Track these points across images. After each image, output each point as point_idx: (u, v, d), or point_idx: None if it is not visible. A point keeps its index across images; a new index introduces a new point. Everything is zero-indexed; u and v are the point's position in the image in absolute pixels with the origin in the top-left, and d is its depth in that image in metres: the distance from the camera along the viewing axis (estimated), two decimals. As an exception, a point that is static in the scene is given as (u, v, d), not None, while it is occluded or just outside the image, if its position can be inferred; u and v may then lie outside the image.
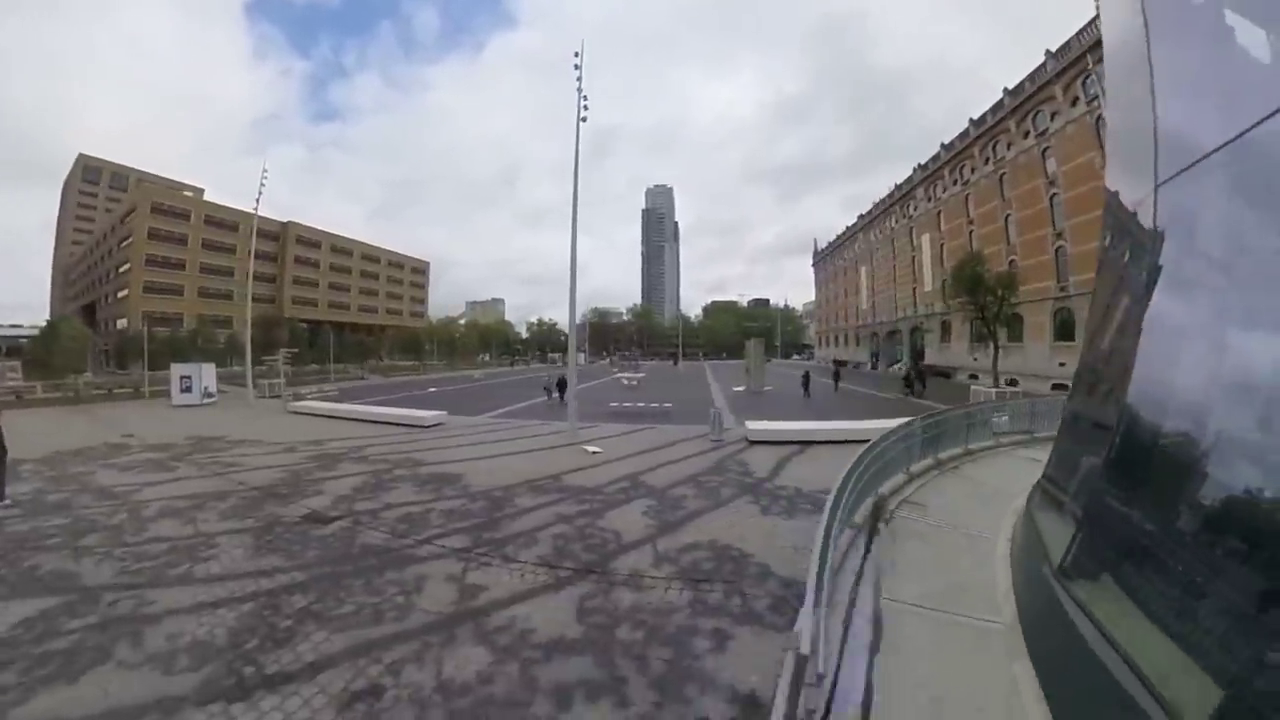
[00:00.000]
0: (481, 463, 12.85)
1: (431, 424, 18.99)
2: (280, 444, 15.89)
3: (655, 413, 22.80)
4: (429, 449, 14.84)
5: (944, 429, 11.22)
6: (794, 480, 11.12)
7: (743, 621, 5.43)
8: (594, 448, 14.51)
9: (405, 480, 11.23)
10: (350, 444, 15.83)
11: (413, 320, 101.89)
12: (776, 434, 15.64)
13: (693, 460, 13.20)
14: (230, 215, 75.01)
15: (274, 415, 23.58)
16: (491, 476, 11.31)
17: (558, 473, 11.67)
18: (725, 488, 10.60)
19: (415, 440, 16.37)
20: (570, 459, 13.28)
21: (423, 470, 12.15)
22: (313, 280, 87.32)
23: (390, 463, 13.08)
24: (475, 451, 14.41)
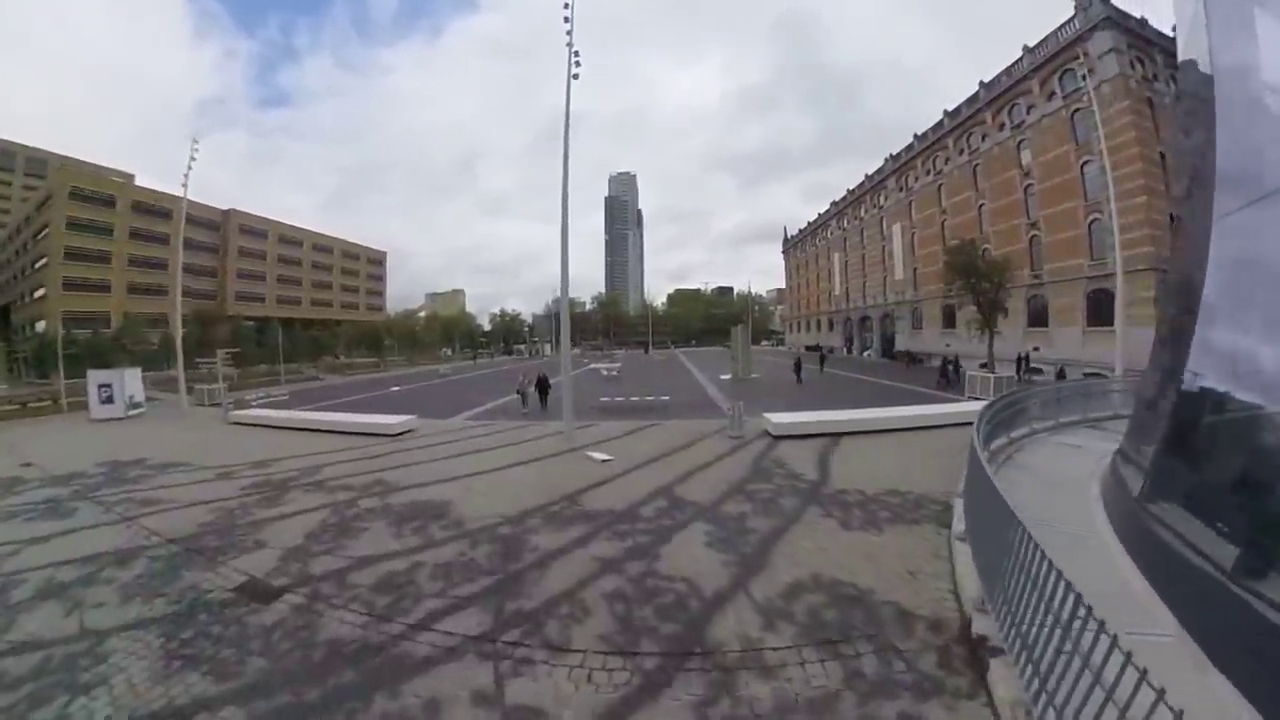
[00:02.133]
0: (471, 482, 10.87)
1: (400, 432, 16.81)
2: (214, 468, 13.42)
3: (653, 407, 21.43)
4: (402, 466, 12.73)
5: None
6: (851, 481, 10.04)
7: (925, 693, 4.31)
8: (602, 454, 12.83)
9: (377, 516, 9.15)
10: (302, 464, 13.55)
11: (370, 314, 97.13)
12: (802, 427, 14.64)
13: (724, 463, 11.80)
14: (162, 201, 68.95)
15: (211, 428, 20.79)
16: (490, 503, 9.37)
17: (571, 492, 9.88)
18: (782, 497, 9.20)
19: (382, 454, 14.21)
20: (579, 471, 11.53)
21: (398, 498, 10.07)
22: (259, 273, 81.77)
23: (354, 489, 10.92)
24: (460, 466, 12.37)
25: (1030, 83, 37.88)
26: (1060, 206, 35.69)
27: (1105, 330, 32.68)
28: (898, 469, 11.10)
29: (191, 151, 29.53)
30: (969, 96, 44.41)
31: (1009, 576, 4.60)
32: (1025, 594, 4.17)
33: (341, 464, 13.32)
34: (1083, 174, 34.38)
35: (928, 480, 10.33)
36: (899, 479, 10.31)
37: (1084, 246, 34.18)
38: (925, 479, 10.42)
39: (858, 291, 65.93)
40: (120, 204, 67.28)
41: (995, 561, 5.19)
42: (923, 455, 12.52)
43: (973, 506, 7.34)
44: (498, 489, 10.24)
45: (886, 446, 13.32)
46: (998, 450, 11.38)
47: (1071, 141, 34.95)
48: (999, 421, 11.77)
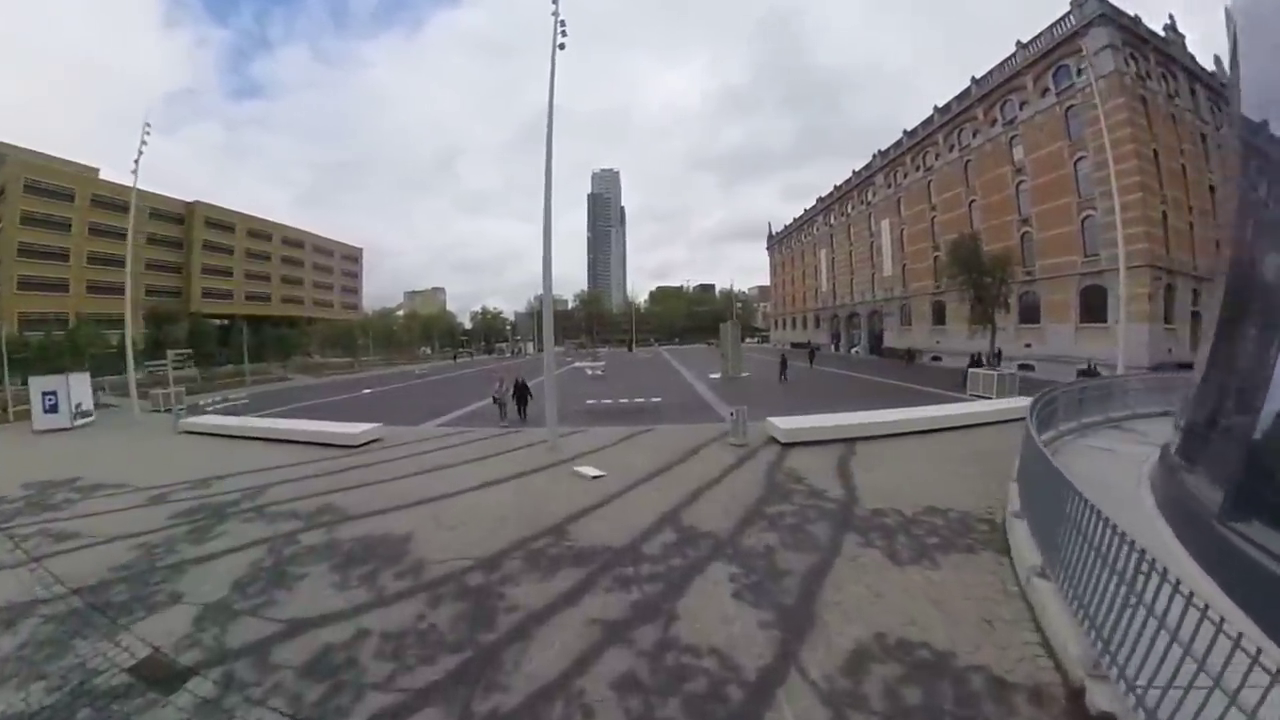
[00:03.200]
0: (438, 509, 9.33)
1: (363, 442, 15.17)
2: (149, 490, 11.74)
3: (644, 410, 20.00)
4: (359, 485, 11.16)
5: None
6: (883, 498, 8.87)
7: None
8: (592, 469, 11.31)
9: (320, 556, 7.62)
10: (247, 482, 11.92)
11: (345, 312, 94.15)
12: (812, 432, 13.38)
13: (733, 479, 10.44)
14: (125, 195, 65.31)
15: (160, 438, 18.95)
16: (458, 538, 7.88)
17: (558, 521, 8.39)
18: (810, 523, 7.91)
19: (339, 470, 12.62)
20: (566, 491, 10.04)
21: (349, 531, 8.53)
22: (226, 269, 78.46)
23: (300, 518, 9.35)
24: (425, 486, 10.81)
25: (1023, 79, 37.25)
26: (1053, 203, 35.11)
27: (1099, 327, 32.18)
28: (928, 480, 9.92)
29: (143, 135, 27.46)
30: (960, 92, 43.69)
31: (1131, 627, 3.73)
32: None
33: (291, 483, 11.72)
34: (1076, 170, 33.78)
35: (964, 493, 9.21)
36: (934, 493, 9.13)
37: (1077, 243, 33.59)
38: (961, 492, 9.29)
39: (845, 288, 65.19)
40: (80, 198, 63.88)
41: (1098, 604, 4.27)
42: (949, 461, 11.40)
43: (1048, 528, 6.13)
44: (469, 518, 8.73)
45: (907, 452, 12.16)
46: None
47: (1065, 138, 34.37)
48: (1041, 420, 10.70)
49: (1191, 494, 7.43)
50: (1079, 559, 4.94)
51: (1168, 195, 32.61)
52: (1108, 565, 4.13)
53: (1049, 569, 5.77)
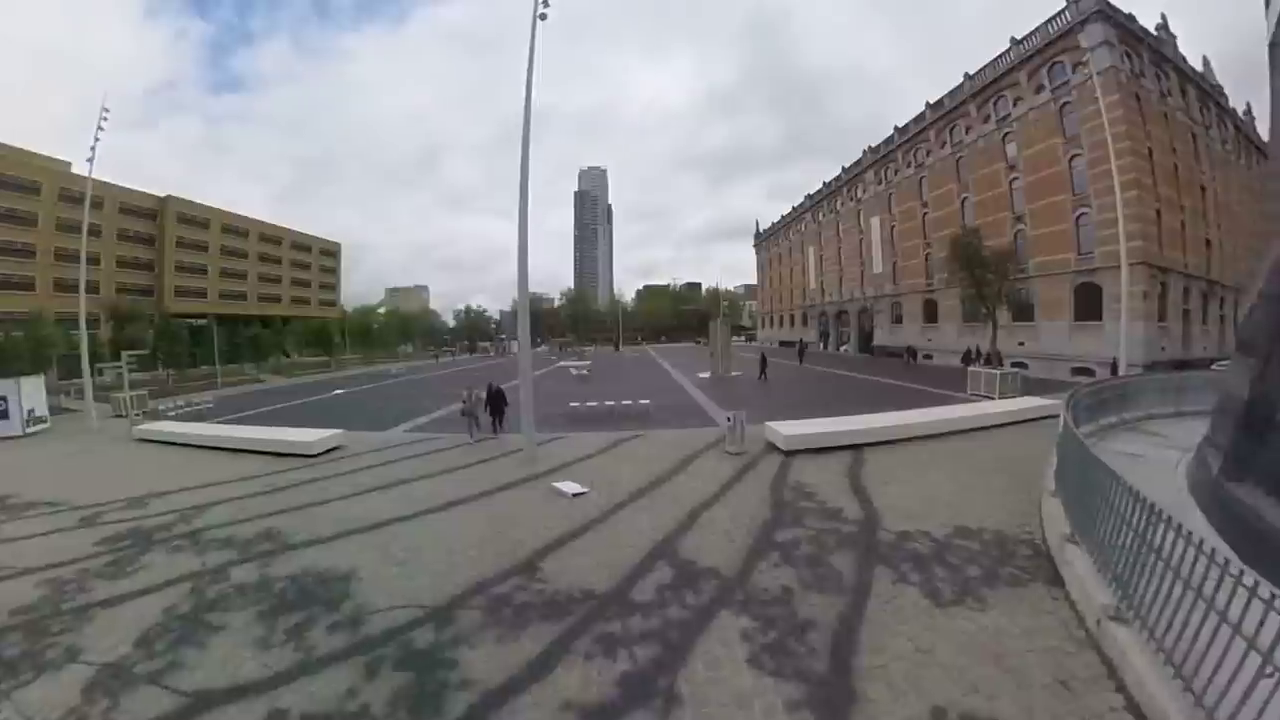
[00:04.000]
0: (391, 536, 8.11)
1: (321, 451, 13.85)
2: (83, 509, 10.48)
3: (631, 413, 18.66)
4: (307, 505, 9.90)
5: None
6: (906, 517, 7.86)
7: None
8: (573, 485, 10.03)
9: (248, 599, 6.39)
10: (188, 500, 10.65)
11: (323, 310, 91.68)
12: (817, 439, 12.25)
13: (735, 496, 9.30)
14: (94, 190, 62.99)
15: (112, 447, 17.56)
16: (409, 576, 6.68)
17: (529, 553, 7.17)
18: (830, 552, 6.79)
19: (290, 485, 11.36)
20: (542, 513, 8.81)
21: (285, 565, 7.30)
22: (201, 266, 75.74)
23: (234, 546, 8.10)
24: (380, 506, 9.56)
25: (1017, 75, 36.57)
26: (1047, 200, 34.48)
27: (1093, 325, 31.64)
28: (950, 493, 8.92)
29: (100, 120, 25.90)
30: (953, 88, 42.96)
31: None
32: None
33: (234, 501, 10.43)
34: (1070, 168, 33.19)
35: (993, 508, 8.25)
36: (960, 509, 8.15)
37: (1071, 241, 33.00)
38: (989, 506, 8.33)
39: (834, 286, 64.42)
40: (47, 192, 61.14)
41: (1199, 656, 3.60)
42: (967, 470, 10.44)
43: (1116, 558, 5.14)
44: (425, 548, 7.51)
45: (920, 460, 11.17)
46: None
47: (1060, 135, 33.76)
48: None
49: (1253, 513, 6.56)
50: (1168, 600, 4.22)
51: (1161, 194, 32.18)
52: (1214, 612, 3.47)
53: (1124, 610, 4.91)
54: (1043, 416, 15.95)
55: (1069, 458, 7.44)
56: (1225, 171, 40.97)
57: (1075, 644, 4.96)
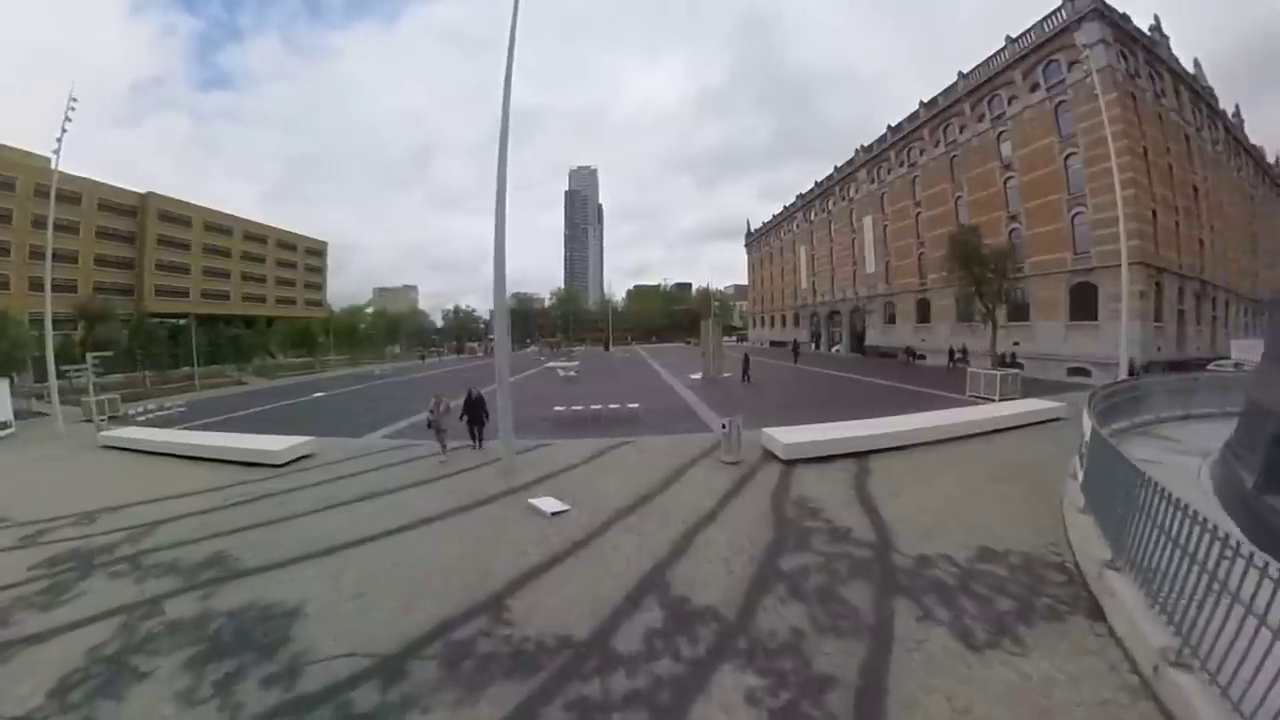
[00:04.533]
0: (347, 562, 7.29)
1: (288, 460, 12.99)
2: (27, 526, 9.64)
3: (620, 418, 17.76)
4: (265, 523, 9.06)
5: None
6: (922, 536, 7.17)
7: None
8: (552, 501, 9.15)
9: (179, 641, 5.57)
10: (141, 517, 9.80)
11: (309, 310, 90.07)
12: (818, 447, 11.47)
13: (733, 513, 8.49)
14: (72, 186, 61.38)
15: (76, 455, 16.61)
16: (363, 614, 5.87)
17: (499, 586, 6.32)
18: (843, 583, 6.03)
19: (250, 499, 10.51)
20: (517, 535, 7.95)
21: (229, 597, 6.48)
22: (183, 265, 74.01)
23: (179, 572, 7.29)
24: (342, 524, 8.71)
25: (1012, 73, 36.21)
26: (1042, 199, 34.13)
27: (1088, 325, 31.32)
28: (967, 507, 8.26)
29: (67, 110, 24.80)
30: (947, 87, 42.56)
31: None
32: None
33: (189, 518, 9.57)
34: (1066, 167, 32.86)
35: (1015, 524, 7.62)
36: (980, 525, 7.49)
37: (1067, 240, 32.65)
38: (1010, 522, 7.69)
39: (826, 285, 63.97)
40: (21, 188, 59.39)
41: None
42: (980, 479, 9.78)
43: (1170, 590, 4.48)
44: (384, 577, 6.68)
45: (928, 468, 10.51)
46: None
47: (1055, 134, 33.44)
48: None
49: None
50: (1237, 642, 3.74)
51: (1157, 193, 31.94)
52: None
53: (1186, 653, 4.29)
54: (1047, 420, 15.43)
55: (1103, 472, 6.78)
56: (1216, 173, 40.93)
57: (1129, 693, 4.31)
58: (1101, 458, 6.93)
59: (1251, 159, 49.49)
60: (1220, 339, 37.06)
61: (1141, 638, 4.83)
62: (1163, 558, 4.96)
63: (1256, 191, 49.57)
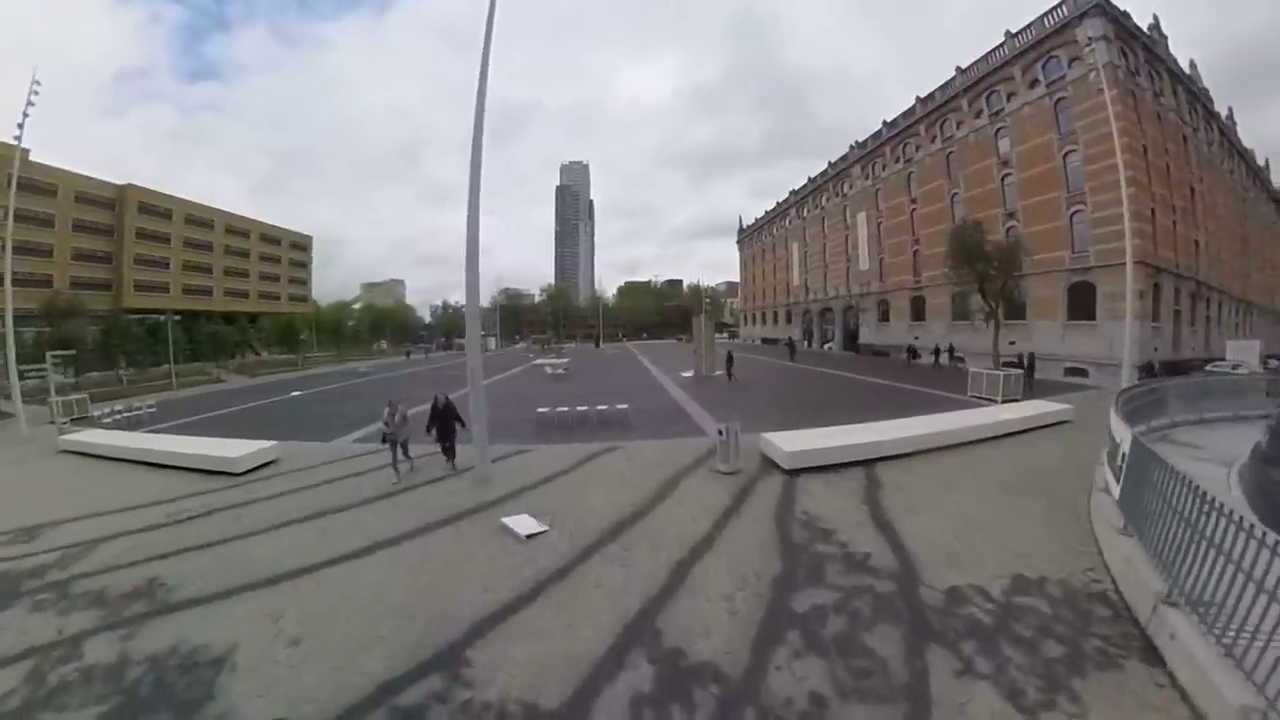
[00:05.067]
0: (290, 597, 6.37)
1: (248, 468, 12.04)
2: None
3: (608, 420, 16.84)
4: (211, 542, 8.12)
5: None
6: (948, 562, 6.43)
7: None
8: (527, 522, 8.14)
9: (90, 692, 4.70)
10: (82, 533, 8.90)
11: (294, 305, 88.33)
12: (821, 455, 10.57)
13: (731, 534, 7.63)
14: (47, 178, 59.58)
15: (34, 460, 15.58)
16: (297, 662, 4.98)
17: (460, 631, 5.38)
18: (867, 628, 5.17)
19: (202, 512, 9.57)
20: (485, 562, 7.01)
21: (152, 637, 5.59)
22: (163, 259, 72.21)
23: (106, 603, 6.40)
24: (293, 546, 7.78)
25: (1011, 69, 35.68)
26: (1040, 197, 33.64)
27: (1086, 324, 30.91)
28: (989, 524, 7.53)
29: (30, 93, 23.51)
30: (944, 82, 41.98)
31: None
32: None
33: (131, 535, 8.64)
34: (1065, 164, 32.37)
35: (1044, 544, 6.92)
36: (1008, 547, 6.78)
37: (1065, 238, 32.17)
38: (1039, 542, 7.00)
39: (818, 283, 63.40)
40: (-9, 179, 57.53)
41: None
42: (998, 490, 9.05)
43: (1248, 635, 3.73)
44: (329, 618, 5.75)
45: (941, 478, 9.78)
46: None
47: (1054, 131, 32.94)
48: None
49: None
50: None
51: (1155, 193, 31.54)
52: None
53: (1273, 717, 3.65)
54: (1055, 423, 14.80)
55: (1148, 489, 6.04)
56: (1211, 174, 40.73)
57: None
58: (1146, 473, 6.20)
59: (1244, 161, 49.46)
60: (1214, 340, 36.85)
61: (1214, 693, 4.10)
62: (1231, 594, 4.26)
63: (1248, 194, 49.55)
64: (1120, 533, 6.68)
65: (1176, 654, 4.69)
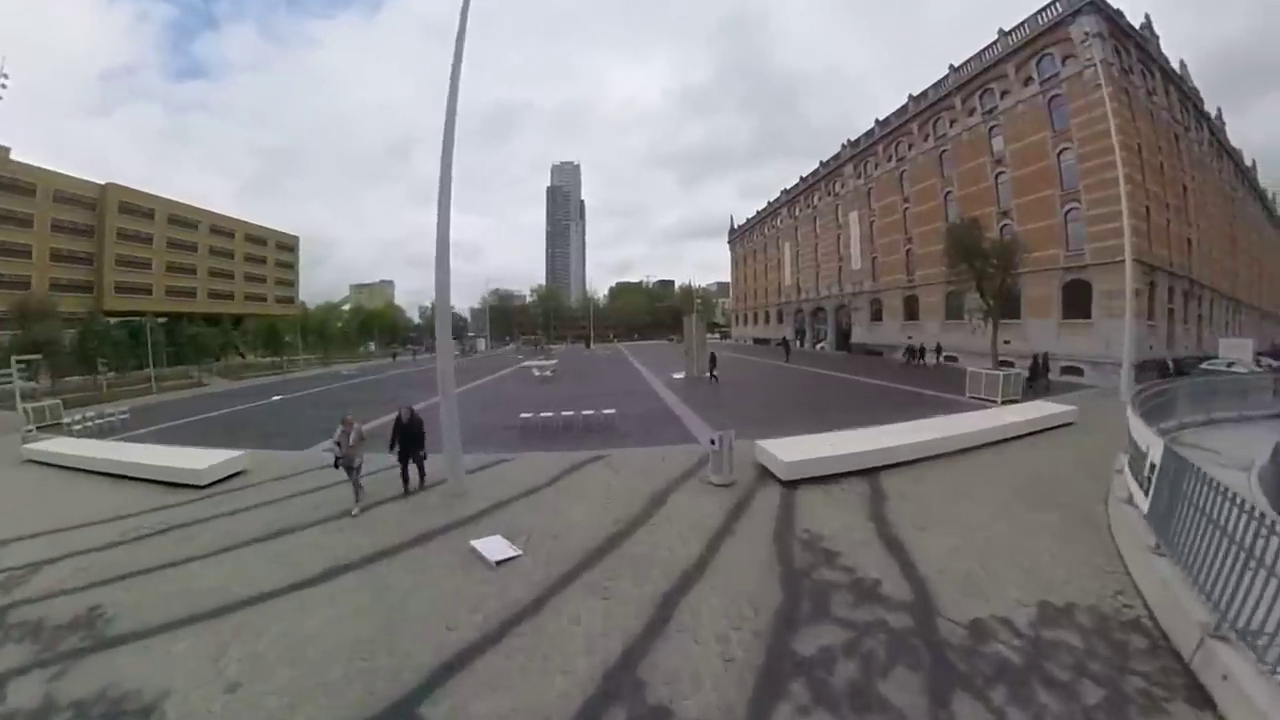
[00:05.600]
0: (238, 625, 5.75)
1: (213, 480, 11.31)
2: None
3: (593, 425, 16.16)
4: (160, 565, 7.45)
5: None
6: (967, 588, 5.87)
7: None
8: (499, 545, 7.40)
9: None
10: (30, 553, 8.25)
11: (281, 307, 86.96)
12: (819, 465, 9.91)
13: (726, 557, 6.94)
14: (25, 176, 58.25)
15: (1, 469, 14.75)
16: (235, 712, 4.35)
17: (414, 683, 4.67)
18: (881, 674, 4.55)
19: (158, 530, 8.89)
20: (448, 595, 6.27)
21: (84, 675, 4.96)
22: (145, 261, 70.81)
23: (42, 637, 5.76)
24: (245, 573, 7.08)
25: (1005, 67, 35.40)
26: (1035, 195, 33.35)
27: (1081, 323, 30.63)
28: (1004, 540, 7.02)
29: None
30: (937, 80, 41.70)
31: None
32: None
33: (81, 556, 7.95)
34: (1059, 162, 32.10)
35: (1066, 564, 6.42)
36: (1028, 568, 6.29)
37: (1060, 236, 31.89)
38: (1061, 562, 6.50)
39: (810, 282, 63.04)
40: (-36, 179, 56.07)
41: None
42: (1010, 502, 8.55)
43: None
44: (273, 658, 5.07)
45: (946, 487, 9.28)
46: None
47: (1048, 128, 32.67)
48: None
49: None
50: None
51: (1150, 191, 31.35)
52: None
53: None
54: (1059, 425, 14.37)
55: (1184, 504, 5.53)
56: (1202, 173, 40.73)
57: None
58: (1182, 487, 5.70)
59: (1232, 161, 49.64)
60: (1206, 338, 36.77)
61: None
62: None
63: (1236, 194, 49.73)
64: (1152, 552, 6.17)
65: (1231, 697, 4.18)
